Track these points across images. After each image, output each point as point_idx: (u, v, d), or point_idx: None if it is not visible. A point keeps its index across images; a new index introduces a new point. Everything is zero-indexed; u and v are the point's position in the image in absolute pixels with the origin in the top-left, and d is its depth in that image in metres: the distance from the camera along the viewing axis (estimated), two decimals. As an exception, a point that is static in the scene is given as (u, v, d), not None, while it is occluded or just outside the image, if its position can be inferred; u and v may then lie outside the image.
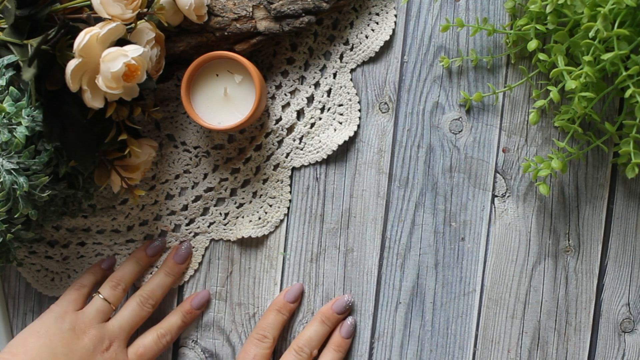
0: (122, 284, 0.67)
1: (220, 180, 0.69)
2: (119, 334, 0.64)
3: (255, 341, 0.66)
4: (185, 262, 0.69)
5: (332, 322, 0.68)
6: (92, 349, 0.62)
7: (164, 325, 0.67)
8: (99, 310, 0.65)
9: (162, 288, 0.68)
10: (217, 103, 0.64)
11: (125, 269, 0.68)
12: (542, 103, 0.63)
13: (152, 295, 0.67)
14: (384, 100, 0.68)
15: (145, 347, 0.65)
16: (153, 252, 0.69)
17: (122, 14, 0.55)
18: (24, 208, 0.58)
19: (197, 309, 0.69)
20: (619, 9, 0.54)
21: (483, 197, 0.68)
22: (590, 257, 0.67)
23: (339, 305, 0.68)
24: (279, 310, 0.67)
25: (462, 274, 0.68)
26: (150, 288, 0.67)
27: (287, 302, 0.68)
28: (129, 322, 0.66)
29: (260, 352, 0.66)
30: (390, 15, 0.67)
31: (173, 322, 0.67)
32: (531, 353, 0.68)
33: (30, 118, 0.57)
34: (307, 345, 0.66)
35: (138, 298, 0.66)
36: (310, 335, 0.66)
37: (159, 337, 0.66)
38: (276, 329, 0.67)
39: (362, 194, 0.69)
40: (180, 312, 0.68)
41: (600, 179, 0.67)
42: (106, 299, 0.65)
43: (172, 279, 0.69)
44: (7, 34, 0.56)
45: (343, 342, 0.68)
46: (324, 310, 0.68)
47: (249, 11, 0.63)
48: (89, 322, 0.64)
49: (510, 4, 0.64)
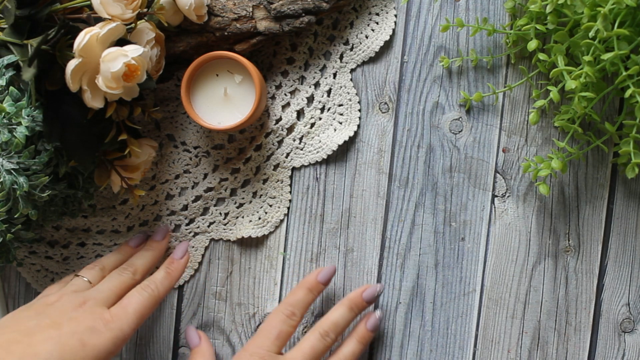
0: (99, 265, 0.64)
1: (220, 180, 0.69)
2: (95, 295, 0.60)
3: (284, 317, 0.63)
4: (164, 239, 0.68)
5: (360, 309, 0.66)
6: (62, 307, 0.58)
7: (147, 279, 0.63)
8: (73, 284, 0.61)
9: (142, 258, 0.65)
10: (217, 103, 0.64)
11: (106, 256, 0.66)
12: (542, 103, 0.63)
13: (131, 264, 0.64)
14: (384, 100, 0.68)
15: (128, 298, 0.60)
16: (135, 242, 0.68)
17: (122, 14, 0.55)
18: (24, 208, 0.58)
19: (179, 258, 0.67)
20: (619, 9, 0.54)
21: (483, 197, 0.68)
22: (590, 257, 0.67)
23: (370, 294, 0.66)
24: (310, 289, 0.65)
25: (462, 274, 0.68)
26: (130, 261, 0.65)
27: (319, 283, 0.65)
28: (108, 284, 0.61)
29: (287, 330, 0.63)
30: (390, 15, 0.67)
31: (156, 274, 0.64)
32: (531, 353, 0.68)
33: (30, 118, 0.57)
34: (333, 330, 0.63)
35: (117, 269, 0.64)
36: (337, 320, 0.64)
37: (142, 287, 0.62)
38: (305, 308, 0.65)
39: (362, 194, 0.69)
40: (163, 265, 0.66)
41: (600, 179, 0.67)
42: (84, 277, 0.62)
43: (152, 252, 0.67)
44: (7, 34, 0.56)
45: (367, 335, 0.66)
46: (353, 297, 0.66)
47: (249, 11, 0.63)
48: (61, 293, 0.60)
49: (510, 4, 0.64)
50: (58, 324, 0.56)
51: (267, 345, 0.62)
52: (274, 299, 0.70)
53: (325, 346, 0.63)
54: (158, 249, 0.68)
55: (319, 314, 0.69)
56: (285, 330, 0.63)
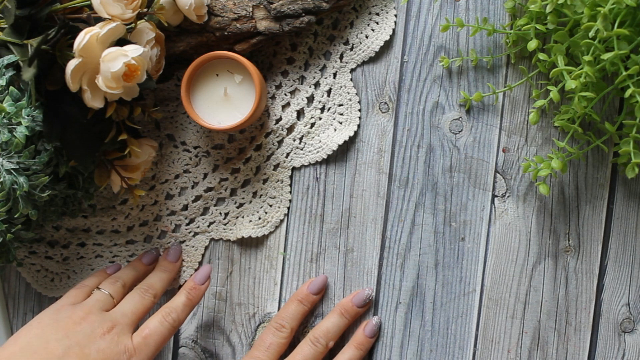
0: (121, 281, 0.65)
1: (220, 180, 0.69)
2: (120, 319, 0.61)
3: (273, 330, 0.65)
4: (178, 260, 0.69)
5: (351, 315, 0.67)
6: (90, 332, 0.58)
7: (168, 305, 0.64)
8: (99, 299, 0.62)
9: (160, 281, 0.66)
10: (217, 103, 0.64)
11: (123, 271, 0.67)
12: (542, 103, 0.63)
13: (151, 286, 0.65)
14: (384, 100, 0.68)
15: (150, 328, 0.61)
16: (148, 259, 0.69)
17: (122, 14, 0.55)
18: (24, 208, 0.58)
19: (200, 284, 0.66)
20: (619, 9, 0.54)
21: (483, 197, 0.68)
22: (590, 257, 0.67)
23: (359, 299, 0.67)
24: (301, 301, 0.67)
25: (462, 274, 0.68)
26: (148, 281, 0.66)
27: (309, 294, 0.67)
28: (131, 308, 0.62)
29: (277, 341, 0.65)
30: (390, 15, 0.67)
31: (177, 300, 0.64)
32: (531, 353, 0.68)
33: (30, 118, 0.57)
34: (323, 336, 0.65)
35: (138, 289, 0.64)
36: (327, 326, 0.66)
37: (163, 316, 0.62)
38: (295, 320, 0.66)
39: (362, 194, 0.69)
40: (184, 290, 0.65)
41: (600, 179, 0.67)
42: (106, 291, 0.63)
43: (168, 274, 0.67)
44: (7, 34, 0.56)
45: (365, 341, 0.67)
46: (343, 303, 0.67)
47: (249, 11, 0.63)
48: (88, 309, 0.61)
49: (510, 4, 0.64)
50: (86, 355, 0.57)
51: (258, 355, 0.64)
52: (274, 299, 0.70)
53: (317, 352, 0.65)
54: (173, 271, 0.68)
55: (319, 314, 0.69)
56: (275, 342, 0.65)
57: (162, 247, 0.70)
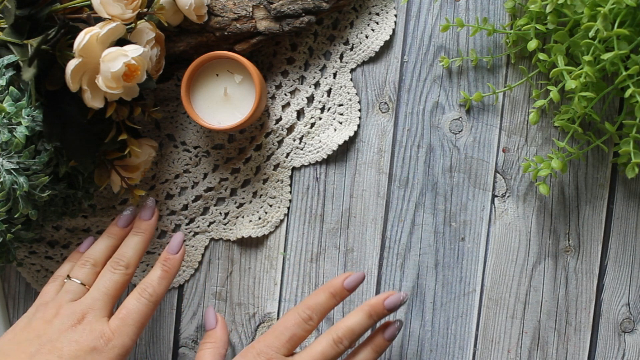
0: (91, 260, 0.61)
1: (220, 180, 0.69)
2: (92, 304, 0.58)
3: (300, 320, 0.60)
4: (152, 218, 0.64)
5: (379, 317, 0.61)
6: (61, 326, 0.56)
7: (143, 280, 0.60)
8: (68, 290, 0.59)
9: (132, 248, 0.62)
10: (217, 103, 0.64)
11: (95, 246, 0.63)
12: (542, 103, 0.63)
13: (121, 257, 0.61)
14: (384, 100, 0.68)
15: (127, 308, 0.58)
16: (124, 222, 0.64)
17: (122, 14, 0.55)
18: (24, 208, 0.58)
19: (174, 253, 0.62)
20: (619, 9, 0.54)
21: (483, 197, 0.68)
22: (590, 257, 0.67)
23: (393, 303, 0.61)
24: (334, 295, 0.61)
25: (462, 274, 0.68)
26: (120, 252, 0.61)
27: (344, 289, 0.61)
28: (102, 289, 0.59)
29: (301, 334, 0.60)
30: (390, 15, 0.67)
31: (152, 274, 0.61)
32: (531, 353, 0.68)
33: (30, 118, 0.57)
34: (348, 337, 0.59)
35: (108, 265, 0.60)
36: (353, 327, 0.60)
37: (139, 292, 0.59)
38: (324, 313, 0.61)
39: (362, 194, 0.69)
40: (159, 262, 0.62)
41: (600, 179, 0.67)
42: (76, 279, 0.60)
43: (142, 236, 0.63)
44: (7, 34, 0.56)
45: (384, 344, 0.62)
46: (374, 303, 0.61)
47: (249, 11, 0.63)
48: (58, 304, 0.58)
49: (510, 4, 0.64)
50: (59, 348, 0.55)
51: (277, 346, 0.59)
52: (274, 299, 0.70)
53: (337, 353, 0.60)
54: (148, 230, 0.63)
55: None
56: (298, 334, 0.60)
57: (161, 248, 0.70)
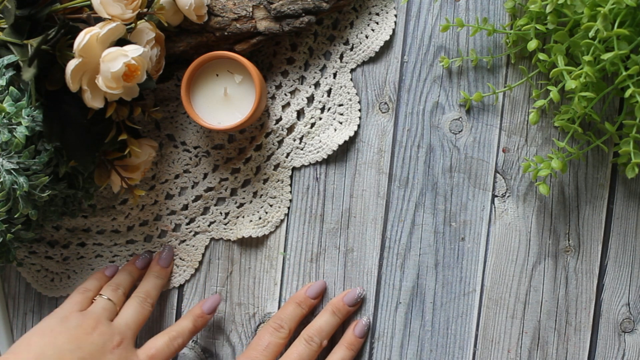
0: (122, 288, 0.66)
1: (221, 180, 0.69)
2: (126, 332, 0.63)
3: (272, 329, 0.65)
4: (169, 265, 0.70)
5: (342, 313, 0.67)
6: (102, 345, 0.60)
7: (175, 328, 0.65)
8: (105, 308, 0.64)
9: (155, 288, 0.68)
10: (217, 103, 0.64)
11: (120, 276, 0.68)
12: (542, 103, 0.63)
13: (149, 294, 0.66)
14: (384, 100, 0.68)
15: (157, 349, 0.63)
16: (142, 264, 0.69)
17: (122, 14, 0.55)
18: (24, 208, 0.58)
19: (208, 314, 0.67)
20: (619, 9, 0.54)
21: (483, 197, 0.68)
22: (590, 257, 0.67)
23: (350, 298, 0.68)
24: (299, 304, 0.67)
25: (462, 274, 0.68)
26: (145, 289, 0.67)
27: (308, 297, 0.68)
28: (134, 319, 0.64)
29: (275, 341, 0.65)
30: (390, 15, 0.67)
31: (184, 325, 0.66)
32: (531, 353, 0.68)
33: (30, 118, 0.57)
34: (317, 334, 0.66)
35: (137, 298, 0.66)
36: (320, 325, 0.66)
37: (170, 339, 0.64)
38: (293, 321, 0.66)
39: (362, 194, 0.69)
40: (192, 316, 0.67)
41: (600, 179, 0.67)
42: (110, 298, 0.65)
43: (162, 281, 0.69)
44: (7, 34, 0.56)
45: (356, 341, 0.68)
46: (335, 302, 0.68)
47: (249, 11, 0.63)
48: (96, 318, 0.62)
49: (510, 4, 0.64)
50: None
51: (255, 355, 0.64)
52: (274, 299, 0.70)
53: (312, 351, 0.65)
54: (166, 277, 0.69)
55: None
56: (273, 342, 0.65)
57: (161, 248, 0.70)
